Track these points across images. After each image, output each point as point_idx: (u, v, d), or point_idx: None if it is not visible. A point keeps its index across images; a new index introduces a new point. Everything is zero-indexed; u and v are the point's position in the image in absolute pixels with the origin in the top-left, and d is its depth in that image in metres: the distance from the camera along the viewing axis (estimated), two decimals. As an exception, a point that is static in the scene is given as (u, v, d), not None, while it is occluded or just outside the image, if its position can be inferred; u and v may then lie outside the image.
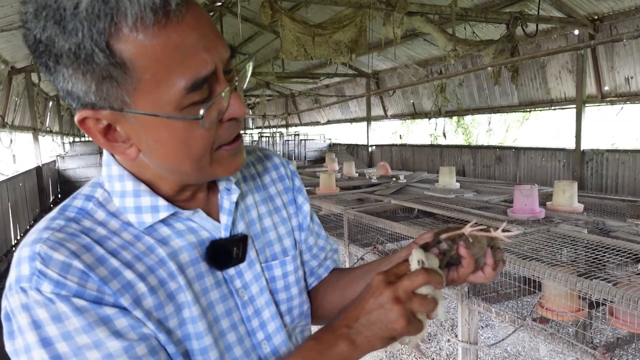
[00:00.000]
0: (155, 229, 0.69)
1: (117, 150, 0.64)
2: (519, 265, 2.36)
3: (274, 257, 0.82)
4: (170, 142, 0.61)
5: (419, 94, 10.73)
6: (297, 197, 0.91)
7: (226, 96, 0.62)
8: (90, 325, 0.58)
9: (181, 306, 0.66)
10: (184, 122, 0.60)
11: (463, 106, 9.49)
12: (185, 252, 0.69)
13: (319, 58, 6.46)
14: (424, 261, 0.65)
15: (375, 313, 0.61)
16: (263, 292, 0.78)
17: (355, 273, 0.88)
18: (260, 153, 0.92)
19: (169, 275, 0.67)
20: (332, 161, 8.41)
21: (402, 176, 6.18)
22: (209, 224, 0.73)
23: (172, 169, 0.66)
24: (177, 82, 0.57)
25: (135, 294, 0.62)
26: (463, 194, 4.63)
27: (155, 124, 0.60)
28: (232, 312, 0.73)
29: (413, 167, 10.73)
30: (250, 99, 15.95)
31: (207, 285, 0.71)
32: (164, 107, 0.58)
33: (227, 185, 0.77)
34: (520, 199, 3.33)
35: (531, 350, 3.62)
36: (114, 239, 0.65)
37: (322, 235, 0.95)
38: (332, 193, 5.19)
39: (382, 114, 12.29)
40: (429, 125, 10.92)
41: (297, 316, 0.84)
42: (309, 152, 14.17)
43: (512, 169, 8.69)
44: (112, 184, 0.69)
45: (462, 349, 2.77)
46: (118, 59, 0.55)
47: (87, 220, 0.66)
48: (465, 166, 9.63)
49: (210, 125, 0.62)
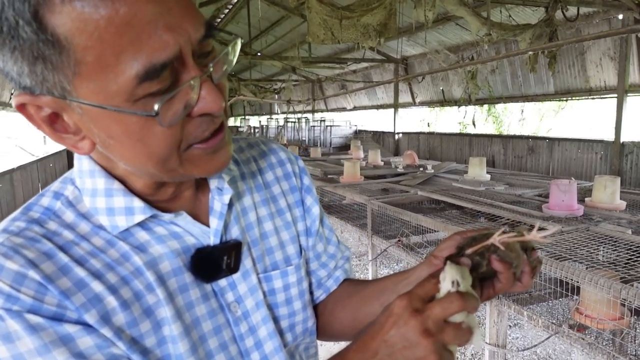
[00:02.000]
0: (131, 233, 0.59)
1: (67, 142, 0.54)
2: (555, 266, 2.19)
3: (275, 266, 0.71)
4: (125, 139, 0.51)
5: (448, 80, 10.40)
6: (306, 197, 0.80)
7: (196, 86, 0.51)
8: (47, 346, 0.49)
9: (160, 323, 0.57)
10: (138, 117, 0.49)
11: (495, 94, 9.14)
12: (166, 260, 0.59)
13: (346, 42, 6.27)
14: (459, 282, 0.53)
15: (398, 348, 0.50)
16: (259, 306, 0.67)
17: (369, 290, 0.77)
18: (263, 147, 0.80)
19: (146, 288, 0.57)
20: (358, 149, 8.26)
21: (430, 166, 5.99)
22: (196, 228, 0.63)
23: (135, 168, 0.56)
24: (128, 68, 0.46)
25: (104, 309, 0.53)
26: (493, 186, 4.43)
27: (104, 118, 0.49)
28: (222, 330, 0.63)
29: (441, 157, 10.46)
30: (277, 84, 15.84)
31: (193, 299, 0.61)
32: (113, 98, 0.48)
33: (219, 184, 0.66)
34: (557, 195, 3.12)
35: (562, 354, 3.44)
36: (82, 245, 0.56)
37: (332, 240, 0.83)
38: (356, 182, 5.06)
39: (410, 100, 12.01)
40: (458, 113, 10.59)
41: (301, 334, 0.74)
42: (334, 138, 14.02)
43: (545, 160, 8.34)
44: (82, 180, 0.59)
45: (489, 351, 2.62)
46: (50, 35, 0.45)
47: (53, 222, 0.56)
48: (495, 156, 9.32)
49: (172, 122, 0.51)
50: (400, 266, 5.14)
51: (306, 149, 10.26)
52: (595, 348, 2.03)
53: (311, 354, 0.80)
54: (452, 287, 0.52)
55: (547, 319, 2.35)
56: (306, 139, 14.40)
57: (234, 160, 0.74)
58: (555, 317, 2.50)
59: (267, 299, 0.69)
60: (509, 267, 0.58)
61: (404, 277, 0.70)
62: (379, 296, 0.74)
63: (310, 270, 0.79)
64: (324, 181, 5.37)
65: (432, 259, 0.66)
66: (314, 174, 5.93)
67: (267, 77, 16.27)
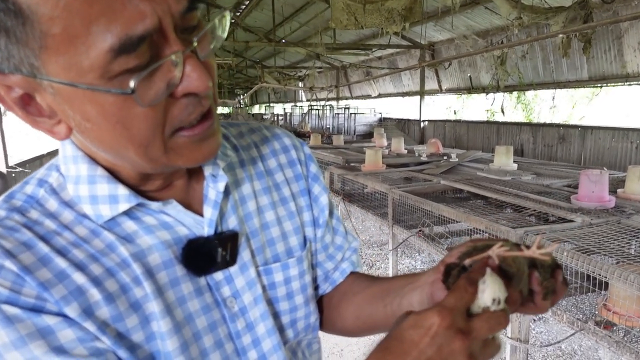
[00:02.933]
0: (117, 222, 0.56)
1: (42, 126, 0.50)
2: (581, 260, 2.09)
3: (276, 258, 0.67)
4: (102, 121, 0.47)
5: (476, 66, 10.12)
6: (313, 186, 0.75)
7: (179, 63, 0.47)
8: (23, 339, 0.46)
9: (149, 318, 0.54)
10: (115, 97, 0.45)
11: (525, 80, 8.84)
12: (155, 252, 0.56)
13: (370, 27, 6.15)
14: (500, 300, 0.48)
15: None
16: (258, 302, 0.63)
17: (374, 290, 0.73)
18: (266, 132, 0.75)
19: (132, 280, 0.54)
20: (381, 136, 8.15)
21: (454, 155, 5.85)
22: (188, 218, 0.59)
23: (116, 155, 0.52)
24: (100, 41, 0.42)
25: (86, 302, 0.50)
26: (520, 176, 4.28)
27: (78, 98, 0.46)
28: (217, 327, 0.59)
29: (467, 145, 10.23)
30: (301, 71, 15.74)
31: (185, 293, 0.57)
32: (86, 75, 0.44)
33: (213, 170, 0.62)
34: (587, 185, 2.99)
35: (588, 350, 3.32)
36: (64, 235, 0.53)
37: (340, 231, 0.79)
38: (378, 170, 4.99)
39: (437, 87, 11.75)
40: (486, 101, 10.31)
41: (303, 330, 0.70)
42: (358, 126, 13.88)
43: (577, 149, 8.04)
44: (67, 166, 0.56)
45: (510, 346, 2.55)
46: (11, 3, 0.41)
47: (35, 211, 0.54)
48: (524, 145, 9.04)
49: (153, 101, 0.46)
50: (421, 256, 5.06)
51: (329, 136, 10.19)
52: (623, 346, 1.93)
53: (314, 350, 0.76)
54: (493, 304, 0.47)
55: (573, 314, 2.25)
56: (330, 126, 14.30)
57: (233, 146, 0.70)
58: (581, 312, 2.40)
59: (266, 293, 0.66)
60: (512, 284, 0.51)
61: (411, 281, 0.66)
62: (384, 297, 0.70)
63: (317, 262, 0.76)
64: (345, 169, 5.32)
65: (442, 266, 0.60)
66: (335, 162, 5.88)
67: (292, 64, 16.20)
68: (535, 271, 0.54)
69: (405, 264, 4.87)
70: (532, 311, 0.55)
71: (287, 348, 0.69)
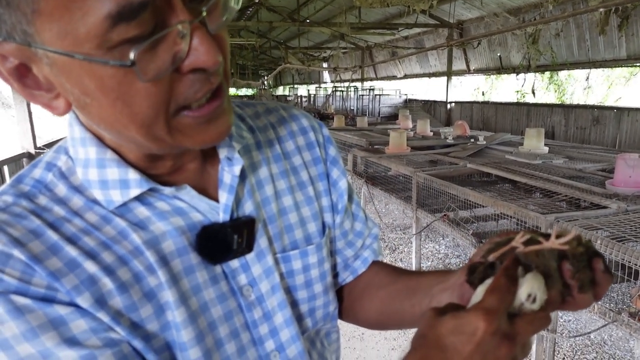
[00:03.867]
0: (129, 208, 0.53)
1: (39, 100, 0.47)
2: (616, 249, 1.99)
3: (294, 245, 0.64)
4: (102, 96, 0.43)
5: (507, 46, 9.76)
6: (332, 170, 0.71)
7: (186, 35, 0.42)
8: (34, 330, 0.44)
9: (164, 307, 0.52)
10: (115, 69, 0.41)
11: (558, 60, 8.49)
12: (169, 239, 0.53)
13: (396, 5, 5.97)
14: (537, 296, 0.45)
15: None
16: (275, 290, 0.61)
17: (400, 286, 0.69)
18: (283, 112, 0.71)
19: (146, 269, 0.51)
20: (406, 118, 8.00)
21: (482, 137, 5.69)
22: (203, 203, 0.56)
23: (118, 135, 0.49)
24: (98, 6, 0.38)
25: (99, 292, 0.48)
26: (551, 159, 4.12)
27: (75, 69, 0.42)
28: (233, 316, 0.57)
29: (495, 128, 9.96)
30: (325, 52, 15.55)
31: (200, 281, 0.55)
32: (82, 44, 0.40)
33: (228, 153, 0.58)
34: (623, 170, 2.84)
35: (619, 340, 3.20)
36: (74, 222, 0.50)
37: (359, 217, 0.75)
38: (402, 153, 4.90)
39: (464, 68, 11.43)
40: (516, 81, 9.97)
41: (321, 319, 0.67)
42: (383, 108, 13.68)
43: (612, 132, 7.72)
44: (75, 149, 0.54)
45: (537, 335, 2.47)
46: None
47: (43, 197, 0.51)
48: (555, 128, 8.74)
49: (156, 76, 0.42)
50: (445, 240, 4.98)
51: (353, 118, 10.08)
52: (659, 340, 1.84)
53: (333, 340, 0.74)
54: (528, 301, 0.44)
55: (605, 304, 2.16)
56: (354, 108, 14.15)
57: (249, 127, 0.66)
58: (613, 303, 2.30)
59: (284, 281, 0.63)
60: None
61: (440, 281, 0.61)
62: (411, 296, 0.66)
63: (336, 250, 0.72)
64: (368, 152, 5.24)
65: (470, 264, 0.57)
66: (359, 145, 5.80)
67: (316, 45, 16.02)
68: (566, 263, 0.48)
69: (429, 248, 4.80)
70: (572, 307, 0.50)
71: (306, 337, 0.66)
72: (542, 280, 0.45)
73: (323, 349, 0.70)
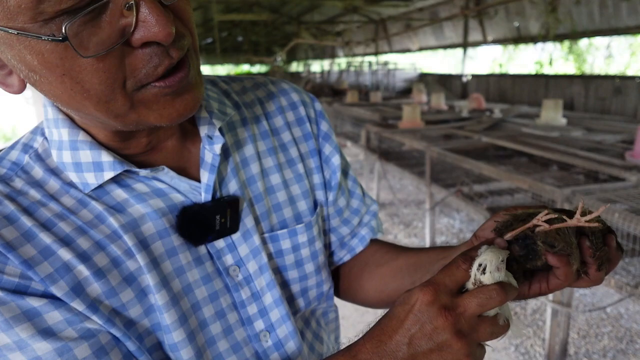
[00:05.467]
0: (106, 191, 0.52)
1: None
2: (634, 222, 1.94)
3: (283, 224, 0.63)
4: (47, 73, 0.41)
5: (525, 15, 9.45)
6: (323, 146, 0.69)
7: (132, 5, 0.39)
8: (8, 322, 0.44)
9: (145, 290, 0.51)
10: (54, 45, 0.39)
11: (578, 28, 8.19)
12: (148, 221, 0.52)
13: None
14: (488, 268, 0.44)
15: (423, 350, 0.43)
16: (264, 270, 0.60)
17: (400, 263, 0.67)
18: (272, 87, 0.69)
19: (124, 253, 0.50)
20: (420, 92, 7.87)
21: (498, 110, 5.57)
22: (184, 184, 0.55)
23: (79, 113, 0.47)
24: None
25: (74, 280, 0.47)
26: (569, 131, 4.02)
27: (14, 44, 0.40)
28: (219, 297, 0.56)
29: (512, 100, 9.73)
30: (339, 26, 15.27)
31: (183, 263, 0.53)
32: (15, 17, 0.38)
33: (208, 130, 0.56)
34: (643, 141, 2.75)
35: (636, 314, 3.17)
36: (50, 206, 0.49)
37: (356, 194, 0.73)
38: (416, 127, 4.82)
39: (481, 39, 11.12)
40: (534, 52, 9.68)
41: (315, 298, 0.67)
42: (398, 82, 13.46)
43: (634, 102, 7.48)
44: (50, 130, 0.52)
45: (551, 309, 2.45)
46: None
47: (20, 180, 0.50)
48: (575, 99, 8.50)
49: (99, 51, 0.40)
50: (460, 215, 4.94)
51: (366, 93, 9.94)
52: (677, 314, 1.81)
53: (330, 319, 0.73)
54: (478, 271, 0.44)
55: (622, 278, 2.12)
56: (369, 83, 13.95)
57: (234, 103, 0.64)
58: (631, 276, 2.26)
59: (273, 261, 0.62)
60: (567, 261, 0.47)
61: (443, 256, 0.61)
62: (412, 272, 0.65)
63: (330, 228, 0.71)
64: (381, 126, 5.18)
65: (474, 239, 0.56)
66: (372, 120, 5.73)
67: (329, 19, 15.73)
68: (585, 240, 0.47)
69: (443, 223, 4.78)
70: (585, 284, 0.50)
71: (299, 318, 0.66)
72: (500, 257, 0.44)
73: (319, 328, 0.70)
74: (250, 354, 0.58)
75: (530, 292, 0.52)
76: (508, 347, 2.76)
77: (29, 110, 8.37)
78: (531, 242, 0.47)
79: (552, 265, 0.48)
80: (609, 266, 0.49)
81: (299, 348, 0.62)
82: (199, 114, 0.57)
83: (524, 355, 2.70)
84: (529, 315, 3.21)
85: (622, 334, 2.92)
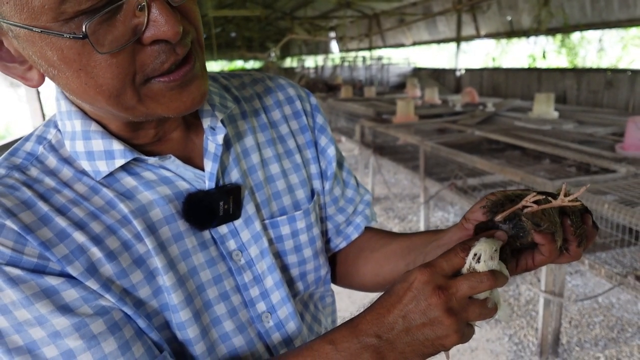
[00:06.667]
0: (116, 179, 0.55)
1: (14, 72, 0.49)
2: (623, 213, 1.99)
3: (282, 211, 0.67)
4: (65, 68, 0.45)
5: (517, 9, 9.49)
6: (319, 137, 0.73)
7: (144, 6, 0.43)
8: (28, 299, 0.47)
9: (154, 272, 0.54)
10: (73, 42, 0.43)
11: (570, 22, 8.24)
12: (156, 207, 0.56)
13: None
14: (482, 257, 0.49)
15: (417, 324, 0.47)
16: (265, 255, 0.63)
17: (394, 247, 0.71)
18: (269, 83, 0.73)
19: (134, 237, 0.54)
20: (414, 87, 7.90)
21: (491, 104, 5.61)
22: (189, 172, 0.58)
23: (92, 105, 0.50)
24: None
25: (89, 261, 0.50)
26: (561, 124, 4.07)
27: (37, 41, 0.43)
28: (223, 279, 0.60)
29: (505, 94, 9.79)
30: (332, 21, 15.25)
31: (189, 247, 0.57)
32: (39, 17, 0.41)
33: (211, 122, 0.60)
34: (634, 133, 2.80)
35: (627, 303, 3.23)
36: (64, 192, 0.53)
37: (350, 184, 0.77)
38: (409, 122, 4.85)
39: (474, 33, 11.15)
40: (527, 46, 9.72)
41: (313, 282, 0.70)
42: (392, 77, 13.48)
43: (625, 95, 7.55)
44: (63, 122, 0.56)
45: (544, 300, 2.50)
46: None
47: (35, 169, 0.53)
48: (567, 92, 8.56)
49: (114, 48, 0.44)
50: (454, 209, 4.98)
51: (360, 88, 9.97)
52: (665, 302, 1.85)
53: (327, 303, 0.77)
54: (473, 260, 0.48)
55: (611, 268, 2.17)
56: (362, 78, 13.97)
57: (234, 97, 0.68)
58: (621, 266, 2.31)
59: (273, 246, 0.66)
60: (552, 238, 0.52)
61: (435, 239, 0.64)
62: (405, 255, 0.69)
63: (327, 216, 0.75)
64: (376, 121, 5.20)
65: (464, 222, 0.59)
66: (366, 115, 5.76)
67: (322, 14, 15.70)
68: (567, 219, 0.52)
69: (437, 217, 4.82)
70: (566, 260, 0.55)
71: (298, 300, 0.69)
72: (494, 247, 0.48)
73: (317, 311, 0.73)
74: (254, 334, 0.62)
75: (518, 269, 0.56)
76: (502, 338, 2.81)
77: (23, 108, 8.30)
78: (520, 222, 0.51)
79: (537, 242, 0.52)
80: (587, 242, 0.54)
81: (298, 328, 0.65)
82: (202, 107, 0.60)
83: (518, 345, 2.75)
84: (522, 305, 3.26)
85: (613, 323, 2.98)
